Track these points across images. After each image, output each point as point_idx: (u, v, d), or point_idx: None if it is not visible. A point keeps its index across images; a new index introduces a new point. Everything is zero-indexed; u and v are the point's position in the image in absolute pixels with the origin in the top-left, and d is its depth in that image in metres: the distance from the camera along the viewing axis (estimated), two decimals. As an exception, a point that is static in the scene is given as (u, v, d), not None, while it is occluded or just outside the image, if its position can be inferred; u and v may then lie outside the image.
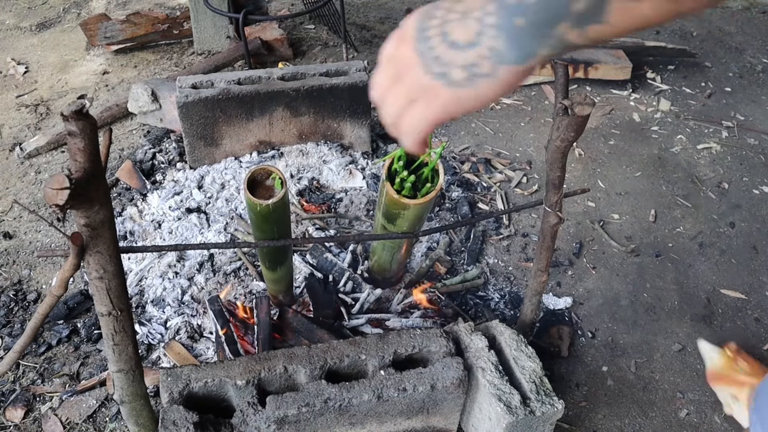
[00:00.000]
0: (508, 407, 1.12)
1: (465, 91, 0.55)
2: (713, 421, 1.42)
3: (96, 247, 0.90)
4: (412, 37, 0.57)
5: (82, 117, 0.77)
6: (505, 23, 0.50)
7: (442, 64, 0.55)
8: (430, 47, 0.55)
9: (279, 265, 1.36)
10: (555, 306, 1.63)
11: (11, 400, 1.40)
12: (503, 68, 0.53)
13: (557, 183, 1.16)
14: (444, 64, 0.55)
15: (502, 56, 0.52)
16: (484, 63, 0.53)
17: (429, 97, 0.58)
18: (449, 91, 0.56)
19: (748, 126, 2.30)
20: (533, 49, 0.51)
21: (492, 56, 0.52)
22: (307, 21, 2.90)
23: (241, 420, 1.08)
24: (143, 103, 2.08)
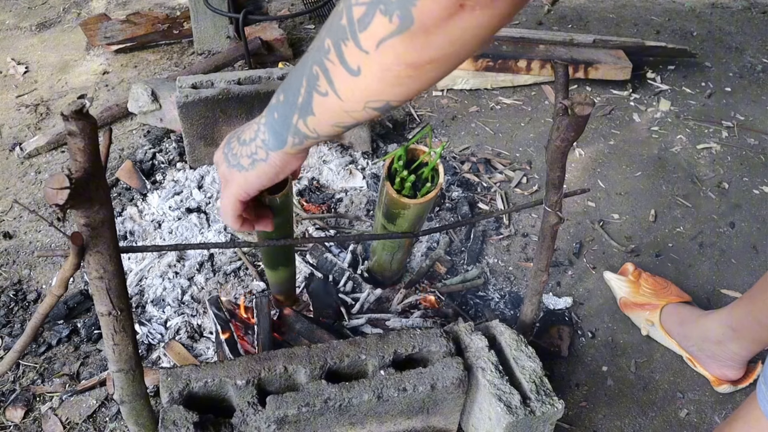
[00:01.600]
0: (508, 407, 1.12)
1: (250, 173, 0.77)
2: (713, 421, 1.42)
3: (96, 247, 0.90)
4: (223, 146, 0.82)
5: (82, 117, 0.77)
6: (269, 120, 0.72)
7: (236, 156, 0.78)
8: (231, 148, 0.79)
9: (282, 265, 1.36)
10: (555, 306, 1.63)
11: (11, 400, 1.40)
12: (271, 153, 0.74)
13: (557, 183, 1.16)
14: (236, 156, 0.78)
15: (268, 144, 0.73)
16: (260, 151, 0.75)
17: (229, 182, 0.81)
18: (240, 174, 0.78)
19: (748, 126, 2.30)
20: (284, 136, 0.71)
21: (263, 145, 0.74)
22: (307, 21, 2.90)
23: (241, 420, 1.08)
24: (143, 103, 2.08)
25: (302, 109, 0.66)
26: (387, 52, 0.54)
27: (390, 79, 0.57)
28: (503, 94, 2.41)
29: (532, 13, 3.00)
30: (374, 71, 0.57)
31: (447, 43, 0.53)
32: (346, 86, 0.60)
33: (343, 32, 0.56)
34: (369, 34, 0.54)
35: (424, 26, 0.51)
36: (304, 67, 0.64)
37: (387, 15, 0.52)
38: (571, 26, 2.89)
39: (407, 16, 0.51)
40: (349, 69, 0.58)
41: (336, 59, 0.58)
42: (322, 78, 0.61)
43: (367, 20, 0.53)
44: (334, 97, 0.61)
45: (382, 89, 0.59)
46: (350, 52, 0.57)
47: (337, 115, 0.64)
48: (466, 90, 2.43)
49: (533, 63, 2.37)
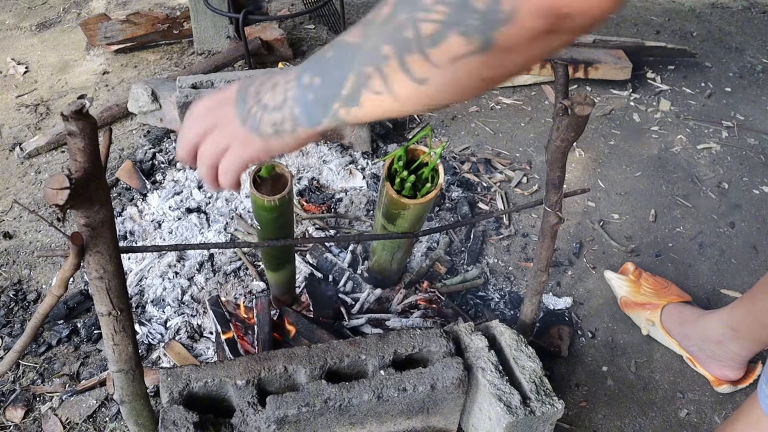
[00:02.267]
0: (508, 407, 1.12)
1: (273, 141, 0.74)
2: (713, 421, 1.42)
3: (96, 247, 0.90)
4: (233, 99, 0.75)
5: (82, 117, 0.77)
6: (301, 97, 0.68)
7: (255, 119, 0.73)
8: (248, 108, 0.73)
9: (283, 266, 1.36)
10: (555, 306, 1.63)
11: (11, 400, 1.40)
12: (300, 128, 0.71)
13: (557, 183, 1.16)
14: (256, 120, 0.73)
15: (298, 120, 0.70)
16: (286, 123, 0.71)
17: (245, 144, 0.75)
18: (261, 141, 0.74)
19: (748, 126, 2.30)
20: (319, 118, 0.68)
21: (292, 119, 0.70)
22: (307, 21, 2.90)
23: (241, 420, 1.08)
24: (143, 103, 2.08)
25: (347, 100, 0.64)
26: (461, 68, 0.53)
27: (459, 89, 0.56)
28: (503, 94, 2.41)
29: (532, 13, 3.00)
30: (442, 83, 0.56)
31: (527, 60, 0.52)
32: (407, 92, 0.59)
33: (407, 44, 0.55)
34: (441, 51, 0.53)
35: (507, 48, 0.50)
36: (350, 63, 0.62)
37: (465, 36, 0.50)
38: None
39: (489, 40, 0.49)
40: (413, 78, 0.56)
41: (397, 67, 0.57)
42: (377, 79, 0.59)
43: (440, 38, 0.52)
44: (390, 98, 0.60)
45: (445, 97, 0.58)
46: (416, 63, 0.55)
47: (389, 111, 0.63)
48: (466, 90, 2.42)
49: (533, 63, 2.37)
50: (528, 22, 0.47)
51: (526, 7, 0.47)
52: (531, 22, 0.47)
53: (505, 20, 0.48)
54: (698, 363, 1.47)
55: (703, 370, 1.47)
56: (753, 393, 0.98)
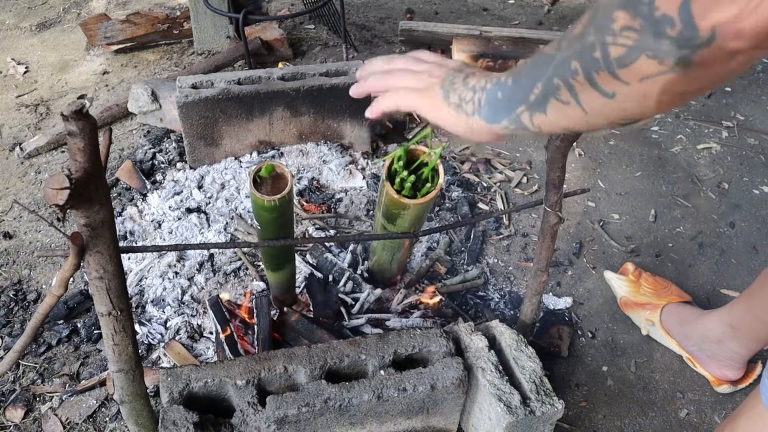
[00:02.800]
0: (508, 407, 1.12)
1: (448, 111, 0.77)
2: (713, 421, 1.42)
3: (96, 247, 0.90)
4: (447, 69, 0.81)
5: (82, 117, 0.77)
6: (492, 91, 0.71)
7: (451, 88, 0.77)
8: (453, 81, 0.78)
9: (283, 266, 1.36)
10: (555, 306, 1.63)
11: (11, 400, 1.40)
12: (476, 117, 0.73)
13: (557, 183, 1.16)
14: (452, 88, 0.77)
15: (480, 110, 0.73)
16: (469, 105, 0.74)
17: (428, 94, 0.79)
18: (442, 101, 0.78)
19: (748, 126, 2.30)
20: (500, 117, 0.70)
21: (475, 105, 0.73)
22: (307, 21, 2.90)
23: (241, 420, 1.08)
24: (143, 103, 2.08)
25: (533, 106, 0.65)
26: (653, 85, 0.53)
27: (649, 104, 0.56)
28: (503, 94, 2.41)
29: (532, 13, 3.00)
30: (633, 97, 0.56)
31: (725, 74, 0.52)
32: (595, 103, 0.59)
33: (595, 64, 0.56)
34: (631, 72, 0.53)
35: (705, 67, 0.50)
36: (541, 72, 0.63)
37: (656, 59, 0.51)
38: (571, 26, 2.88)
39: (686, 61, 0.50)
40: (603, 92, 0.57)
41: (585, 81, 0.58)
42: (564, 91, 0.61)
43: (629, 61, 0.53)
44: (577, 108, 0.61)
45: (636, 111, 0.58)
46: (604, 80, 0.56)
47: (574, 122, 0.64)
48: (466, 90, 2.42)
49: (533, 63, 2.37)
50: (730, 44, 0.47)
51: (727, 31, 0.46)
52: (734, 43, 0.47)
53: (703, 44, 0.48)
54: (698, 363, 1.47)
55: (703, 370, 1.47)
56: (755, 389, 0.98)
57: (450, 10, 3.04)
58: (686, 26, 0.47)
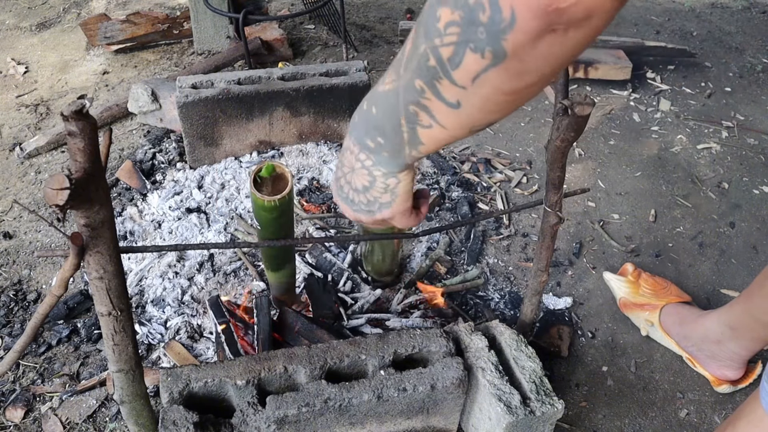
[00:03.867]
0: (508, 407, 1.12)
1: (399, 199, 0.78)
2: (713, 421, 1.42)
3: (96, 247, 0.90)
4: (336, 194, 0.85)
5: (82, 117, 0.77)
6: (377, 160, 0.73)
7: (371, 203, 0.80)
8: (355, 203, 0.81)
9: (283, 266, 1.36)
10: (555, 306, 1.63)
11: (11, 400, 1.40)
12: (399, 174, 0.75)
13: (557, 183, 1.16)
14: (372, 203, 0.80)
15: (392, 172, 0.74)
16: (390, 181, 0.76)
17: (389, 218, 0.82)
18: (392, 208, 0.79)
19: (748, 126, 2.30)
20: (398, 164, 0.73)
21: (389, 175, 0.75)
22: (307, 21, 2.90)
23: (241, 420, 1.08)
24: (143, 103, 2.08)
25: (411, 143, 0.67)
26: (484, 84, 0.54)
27: (491, 107, 0.58)
28: (503, 94, 2.41)
29: (532, 13, 3.00)
30: (474, 103, 0.57)
31: (542, 65, 0.52)
32: (449, 118, 0.61)
33: (434, 72, 0.56)
34: (463, 71, 0.54)
35: (516, 55, 0.50)
36: (394, 110, 0.65)
37: (478, 51, 0.51)
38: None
39: (499, 49, 0.50)
40: (448, 103, 0.58)
41: (432, 97, 0.59)
42: (422, 114, 0.62)
43: (458, 59, 0.53)
44: (438, 128, 0.62)
45: (483, 116, 0.60)
46: (446, 89, 0.57)
47: (446, 140, 0.65)
48: (466, 90, 2.42)
49: (533, 63, 2.37)
50: (527, 24, 0.48)
51: (522, 8, 0.47)
52: (530, 22, 0.48)
53: (507, 27, 0.49)
54: (698, 363, 1.47)
55: (703, 370, 1.47)
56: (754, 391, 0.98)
57: (450, 10, 3.04)
58: (492, 9, 0.48)
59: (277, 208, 1.12)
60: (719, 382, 1.44)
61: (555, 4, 0.46)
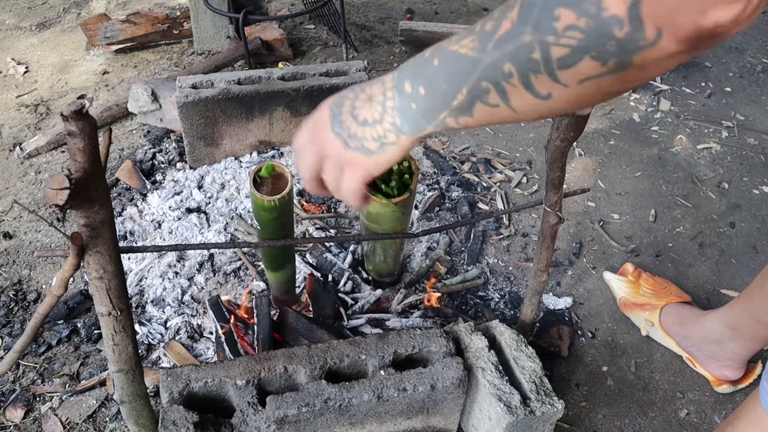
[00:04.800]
0: (508, 407, 1.12)
1: (380, 156, 0.72)
2: (713, 421, 1.42)
3: (96, 247, 0.90)
4: (327, 122, 0.73)
5: (81, 117, 0.77)
6: (402, 105, 0.67)
7: (356, 138, 0.71)
8: (346, 128, 0.72)
9: (283, 266, 1.36)
10: (555, 306, 1.63)
11: (11, 400, 1.40)
12: (402, 137, 0.69)
13: (557, 183, 1.16)
14: (357, 138, 0.71)
15: (401, 129, 0.69)
16: (389, 135, 0.70)
17: (355, 166, 0.74)
18: (368, 159, 0.72)
19: (748, 126, 2.30)
20: (422, 126, 0.67)
21: (394, 129, 0.69)
22: (307, 21, 2.90)
23: (241, 420, 1.08)
24: (143, 103, 2.08)
25: (458, 110, 0.63)
26: (590, 86, 0.53)
27: (580, 103, 0.56)
28: (503, 94, 2.41)
29: (532, 13, 2.99)
30: (567, 98, 0.56)
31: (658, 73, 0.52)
32: (526, 104, 0.58)
33: (533, 65, 0.54)
34: (572, 73, 0.52)
35: (642, 67, 0.50)
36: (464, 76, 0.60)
37: (599, 60, 0.50)
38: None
39: (627, 62, 0.49)
40: (537, 94, 0.56)
41: (519, 84, 0.56)
42: (494, 94, 0.59)
43: (572, 62, 0.52)
44: (506, 109, 0.60)
45: (565, 108, 0.58)
46: (541, 82, 0.55)
47: (503, 119, 0.62)
48: (466, 90, 2.42)
49: (533, 63, 2.37)
50: (672, 47, 0.47)
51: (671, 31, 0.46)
52: (676, 46, 0.47)
53: (647, 46, 0.47)
54: (698, 363, 1.47)
55: (703, 370, 1.47)
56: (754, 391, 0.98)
57: (450, 10, 3.04)
58: (634, 27, 0.47)
59: (277, 208, 1.12)
60: (719, 382, 1.44)
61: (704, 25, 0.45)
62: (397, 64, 2.63)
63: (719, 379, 1.44)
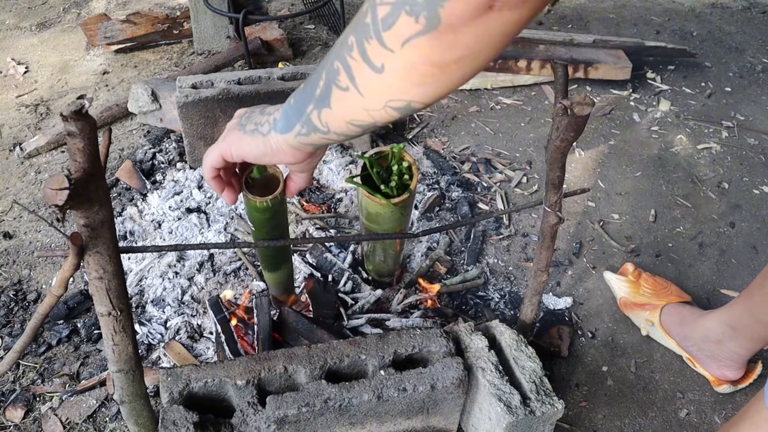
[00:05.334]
0: (508, 407, 1.12)
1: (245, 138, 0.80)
2: (713, 421, 1.42)
3: (96, 247, 0.90)
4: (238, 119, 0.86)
5: (81, 117, 0.77)
6: (286, 104, 0.73)
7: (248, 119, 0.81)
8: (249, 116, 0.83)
9: (280, 266, 1.36)
10: (555, 306, 1.63)
11: (11, 400, 1.40)
12: (273, 134, 0.76)
13: (557, 183, 1.16)
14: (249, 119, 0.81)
15: (275, 125, 0.75)
16: (264, 126, 0.77)
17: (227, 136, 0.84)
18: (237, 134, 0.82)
19: (748, 126, 2.30)
20: (293, 123, 0.71)
21: (272, 123, 0.76)
22: (307, 21, 2.90)
23: (241, 420, 1.08)
24: (143, 103, 2.08)
25: (319, 101, 0.66)
26: (412, 50, 0.54)
27: (414, 78, 0.57)
28: (503, 94, 2.41)
29: (532, 13, 2.99)
30: (398, 69, 0.56)
31: (474, 42, 0.52)
32: (368, 82, 0.60)
33: (366, 30, 0.56)
34: (393, 33, 0.54)
35: (451, 26, 0.50)
36: (326, 62, 0.64)
37: (413, 15, 0.51)
38: (571, 26, 2.89)
39: (434, 16, 0.50)
40: (373, 66, 0.57)
41: (359, 56, 0.58)
42: (343, 73, 0.61)
43: (392, 20, 0.53)
44: (355, 93, 0.61)
45: (405, 88, 0.58)
46: (374, 49, 0.56)
47: (355, 111, 0.64)
48: (466, 90, 2.43)
49: (533, 63, 2.37)
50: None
51: None
52: None
53: None
54: (698, 363, 1.47)
55: (703, 370, 1.47)
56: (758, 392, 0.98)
57: (450, 10, 3.04)
58: None
59: (270, 209, 1.12)
60: (719, 382, 1.44)
61: None
62: (397, 64, 2.63)
63: (719, 379, 1.44)
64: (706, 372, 1.46)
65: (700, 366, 1.47)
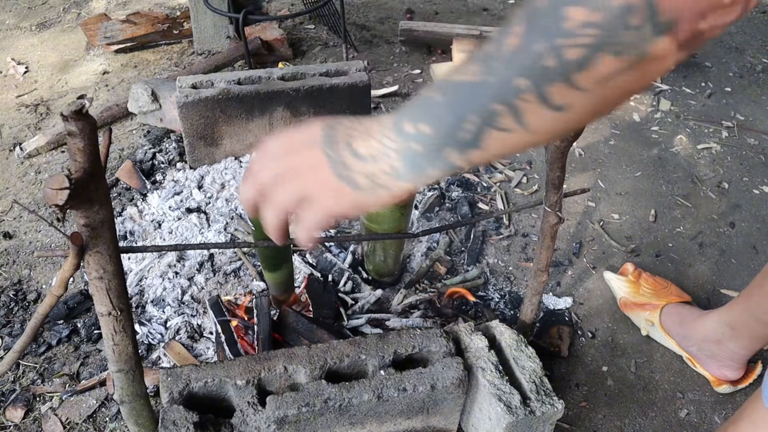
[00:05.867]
0: (508, 407, 1.12)
1: (367, 197, 0.64)
2: (713, 421, 1.42)
3: (96, 247, 0.90)
4: (318, 141, 0.66)
5: (81, 117, 0.77)
6: (403, 148, 0.60)
7: (347, 168, 0.63)
8: (338, 154, 0.64)
9: (279, 266, 1.36)
10: (555, 306, 1.63)
11: (11, 400, 1.40)
12: (398, 183, 0.62)
13: (557, 183, 1.16)
14: (348, 168, 0.63)
15: (399, 174, 0.62)
16: (382, 176, 0.62)
17: (337, 196, 0.65)
18: (355, 194, 0.64)
19: (748, 126, 2.30)
20: (425, 169, 0.61)
21: (391, 173, 0.62)
22: (307, 21, 2.90)
23: (241, 420, 1.08)
24: (143, 103, 2.08)
25: (464, 144, 0.58)
26: (609, 87, 0.51)
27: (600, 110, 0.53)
28: (503, 94, 2.41)
29: (532, 13, 3.00)
30: (586, 105, 0.53)
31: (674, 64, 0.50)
32: (543, 122, 0.55)
33: (547, 73, 0.51)
34: (589, 74, 0.50)
35: (657, 59, 0.48)
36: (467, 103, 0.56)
37: (617, 54, 0.48)
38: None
39: (643, 54, 0.48)
40: (551, 106, 0.53)
41: (533, 98, 0.53)
42: (506, 116, 0.55)
43: (588, 62, 0.49)
44: (521, 133, 0.55)
45: (583, 120, 0.55)
46: (558, 92, 0.52)
47: (514, 148, 0.58)
48: (466, 90, 2.42)
49: (533, 63, 2.37)
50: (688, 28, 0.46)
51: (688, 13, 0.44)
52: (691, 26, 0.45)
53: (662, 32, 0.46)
54: (698, 363, 1.47)
55: (703, 370, 1.47)
56: (756, 391, 0.98)
57: (450, 10, 3.04)
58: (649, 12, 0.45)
59: None
60: (719, 382, 1.44)
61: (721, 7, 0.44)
62: (397, 64, 2.63)
63: (719, 379, 1.44)
64: (706, 372, 1.46)
65: (700, 366, 1.47)
